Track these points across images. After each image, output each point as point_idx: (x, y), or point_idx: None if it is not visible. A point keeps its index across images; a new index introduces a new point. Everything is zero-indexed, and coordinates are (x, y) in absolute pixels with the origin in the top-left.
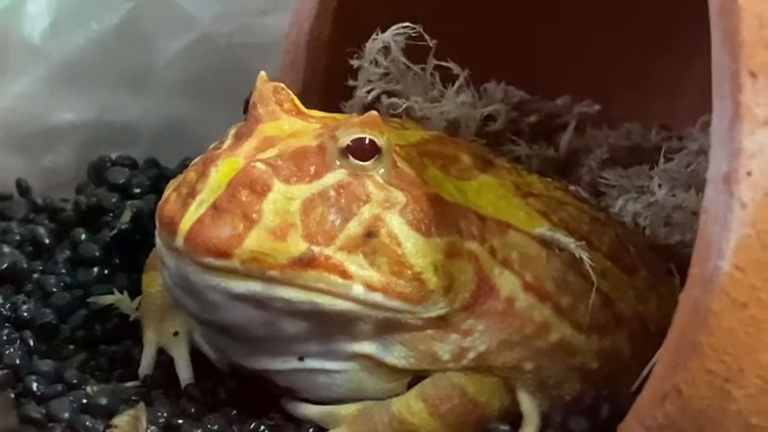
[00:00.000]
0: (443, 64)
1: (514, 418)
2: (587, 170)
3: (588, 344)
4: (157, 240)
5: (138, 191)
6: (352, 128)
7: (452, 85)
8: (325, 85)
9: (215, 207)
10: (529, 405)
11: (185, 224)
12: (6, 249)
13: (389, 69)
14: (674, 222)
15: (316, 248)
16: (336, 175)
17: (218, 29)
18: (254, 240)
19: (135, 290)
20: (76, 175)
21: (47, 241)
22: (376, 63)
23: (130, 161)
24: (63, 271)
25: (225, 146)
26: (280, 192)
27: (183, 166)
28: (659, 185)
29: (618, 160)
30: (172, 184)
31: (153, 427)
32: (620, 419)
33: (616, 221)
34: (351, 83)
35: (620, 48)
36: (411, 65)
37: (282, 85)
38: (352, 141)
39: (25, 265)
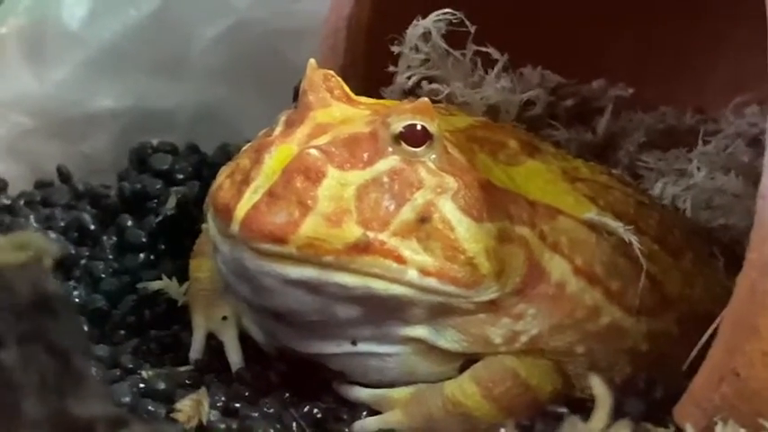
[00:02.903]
0: (482, 49)
1: (568, 400)
2: (625, 153)
3: (638, 326)
4: (211, 226)
5: (180, 177)
6: (404, 114)
7: (491, 71)
8: (364, 71)
9: (270, 194)
10: (601, 388)
11: (241, 211)
12: (52, 236)
13: (430, 55)
14: (715, 205)
15: (371, 234)
16: (389, 162)
17: (254, 15)
18: (309, 226)
19: (181, 275)
20: (114, 161)
21: (92, 227)
22: (417, 49)
23: (171, 147)
24: (110, 257)
25: (276, 133)
26: (334, 178)
27: (222, 150)
28: (698, 168)
29: (654, 143)
30: (224, 171)
31: (214, 412)
32: (674, 401)
33: (659, 205)
34: (391, 69)
35: (650, 31)
36: (451, 50)
37: (332, 72)
38: (404, 128)
39: (72, 252)
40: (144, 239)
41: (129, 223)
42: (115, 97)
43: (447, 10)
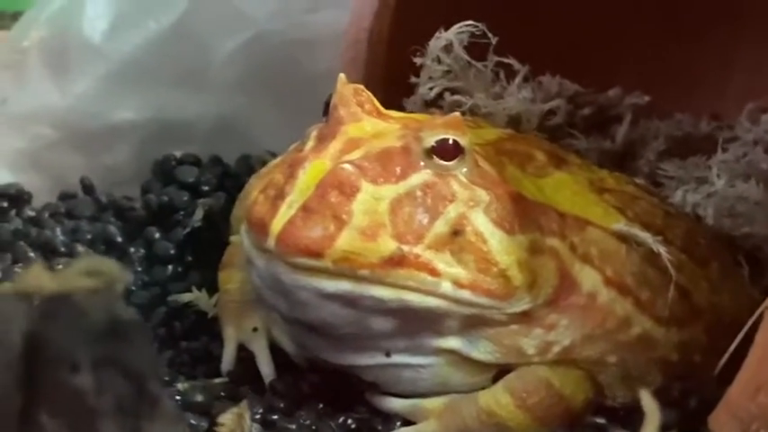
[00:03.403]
0: (504, 60)
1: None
2: (645, 162)
3: (668, 336)
4: (245, 241)
5: (206, 189)
6: (436, 129)
7: (512, 81)
8: (386, 82)
9: (305, 208)
10: (650, 403)
11: (276, 225)
12: (80, 249)
13: (452, 67)
14: (737, 213)
15: (405, 247)
16: (422, 176)
17: (272, 27)
18: (345, 240)
19: (209, 287)
20: (136, 173)
21: (119, 240)
22: (439, 60)
23: (194, 159)
24: (139, 269)
25: (308, 148)
26: (368, 192)
27: (243, 162)
28: (718, 176)
29: (672, 151)
30: (256, 186)
31: (255, 425)
32: (705, 411)
33: (684, 214)
34: (413, 80)
35: (664, 38)
36: (473, 62)
37: (362, 86)
38: (436, 142)
39: None
40: (172, 252)
41: (157, 236)
42: (136, 109)
43: (469, 22)
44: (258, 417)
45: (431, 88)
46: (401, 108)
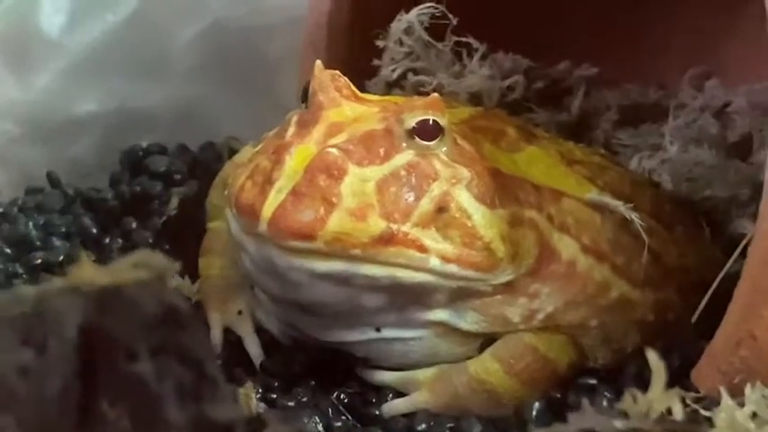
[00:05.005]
0: (462, 39)
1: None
2: (601, 131)
3: (644, 298)
4: (233, 226)
5: (178, 177)
6: (416, 110)
7: (469, 60)
8: (346, 65)
9: (295, 193)
10: (656, 361)
11: (267, 210)
12: (58, 242)
13: (413, 48)
14: (694, 177)
15: (394, 226)
16: (405, 156)
17: (230, 13)
18: (336, 222)
19: (189, 273)
20: (100, 164)
21: (94, 231)
22: (400, 42)
23: (161, 148)
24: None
25: (290, 134)
26: (354, 174)
27: (208, 149)
28: (671, 142)
29: (624, 120)
30: (237, 173)
31: (262, 404)
32: (688, 367)
33: (647, 181)
34: (376, 62)
35: (606, 10)
36: (434, 42)
37: (338, 72)
38: (417, 123)
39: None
40: (150, 240)
41: (134, 225)
42: (97, 101)
43: (430, 4)
44: (258, 396)
45: (393, 70)
46: (363, 91)
